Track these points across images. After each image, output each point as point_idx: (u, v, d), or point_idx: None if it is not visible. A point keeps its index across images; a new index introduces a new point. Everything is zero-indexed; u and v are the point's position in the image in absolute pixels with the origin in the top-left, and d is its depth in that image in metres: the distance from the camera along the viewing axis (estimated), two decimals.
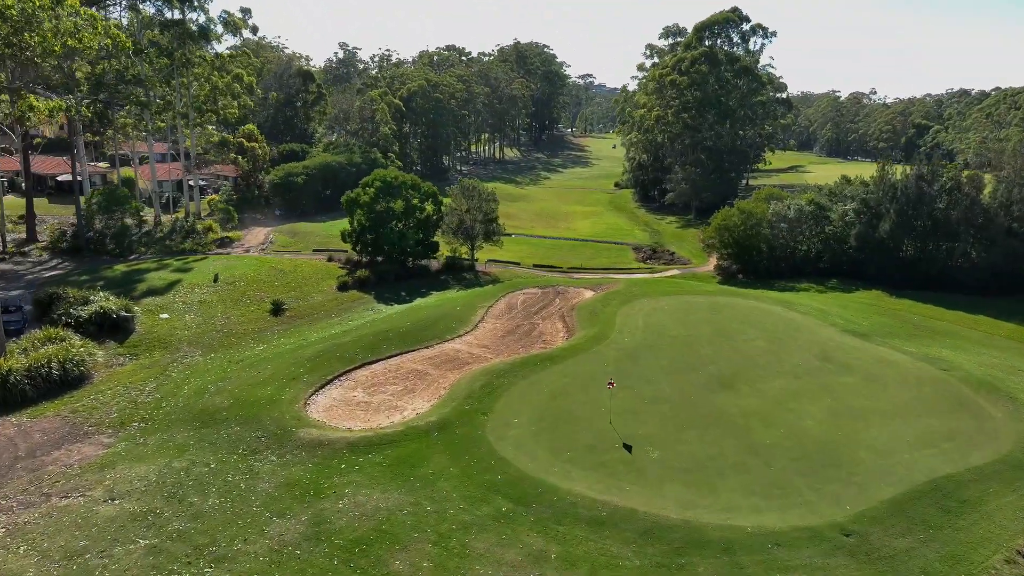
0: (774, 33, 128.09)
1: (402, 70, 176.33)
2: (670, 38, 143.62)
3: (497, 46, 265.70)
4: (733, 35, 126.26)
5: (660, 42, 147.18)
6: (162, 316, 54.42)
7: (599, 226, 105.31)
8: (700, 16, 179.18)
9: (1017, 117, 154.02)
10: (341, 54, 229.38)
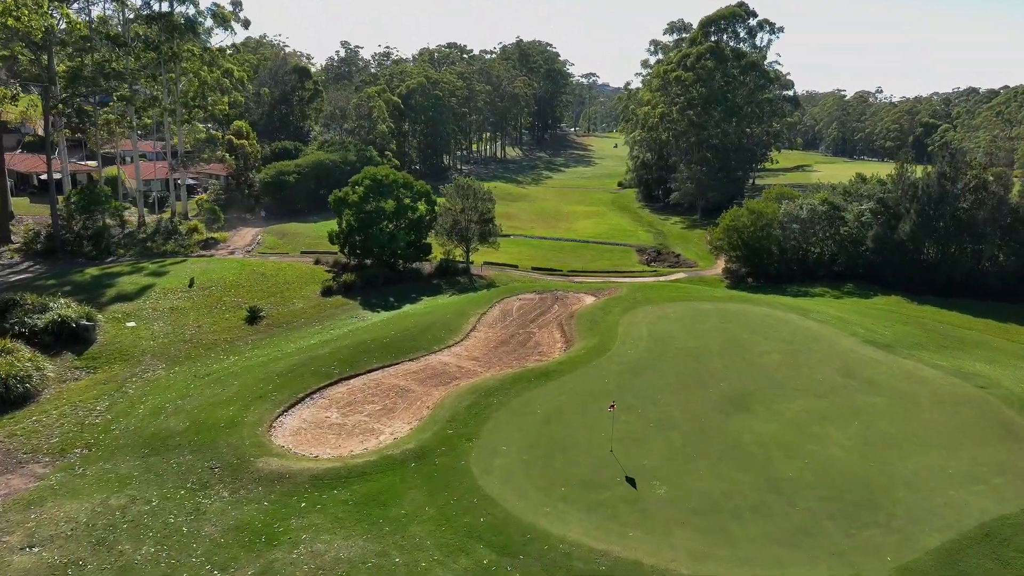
0: (781, 29, 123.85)
1: (401, 67, 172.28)
2: (675, 34, 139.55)
3: (499, 44, 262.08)
4: (740, 30, 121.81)
5: (664, 38, 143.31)
6: (128, 324, 50.43)
7: (601, 227, 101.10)
8: (705, 11, 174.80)
9: None
10: (343, 53, 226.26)
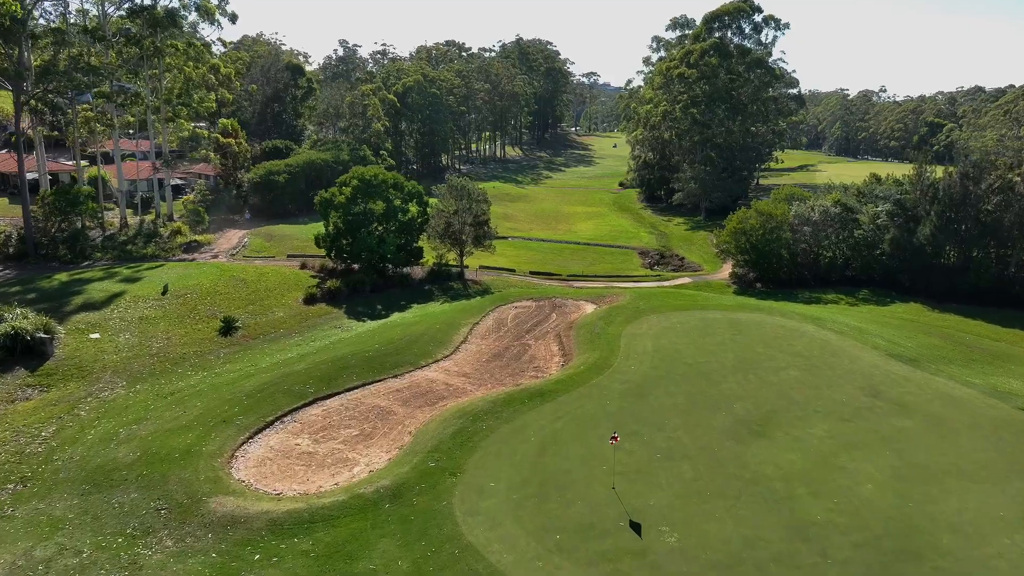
0: (787, 25, 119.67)
1: (398, 65, 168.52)
2: (677, 30, 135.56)
3: (499, 42, 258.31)
4: (745, 26, 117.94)
5: (667, 34, 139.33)
6: (92, 336, 46.66)
7: (602, 228, 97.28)
8: (708, 7, 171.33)
9: None
10: (341, 51, 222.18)
